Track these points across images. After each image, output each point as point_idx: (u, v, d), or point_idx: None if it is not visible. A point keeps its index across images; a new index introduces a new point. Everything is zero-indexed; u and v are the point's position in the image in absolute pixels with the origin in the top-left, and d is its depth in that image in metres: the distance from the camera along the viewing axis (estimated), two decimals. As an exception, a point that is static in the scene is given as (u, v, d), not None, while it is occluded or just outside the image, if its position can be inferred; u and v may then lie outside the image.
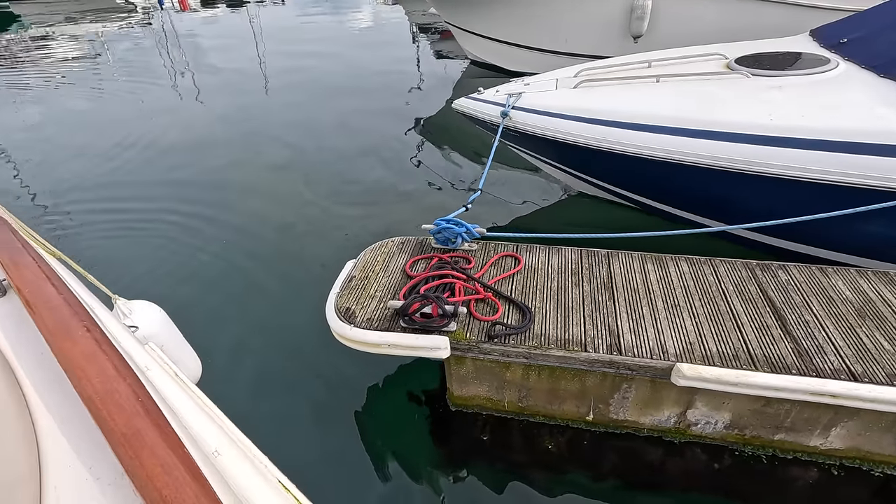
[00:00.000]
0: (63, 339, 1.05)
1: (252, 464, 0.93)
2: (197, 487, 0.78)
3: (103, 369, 0.97)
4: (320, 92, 7.83)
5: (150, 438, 0.84)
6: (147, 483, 0.78)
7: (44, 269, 1.28)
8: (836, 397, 1.81)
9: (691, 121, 2.84)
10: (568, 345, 2.02)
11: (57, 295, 1.18)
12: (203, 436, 0.97)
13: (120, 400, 0.91)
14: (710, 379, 1.87)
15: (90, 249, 4.00)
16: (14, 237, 1.45)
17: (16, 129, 6.88)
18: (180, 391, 1.09)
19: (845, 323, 2.06)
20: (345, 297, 2.31)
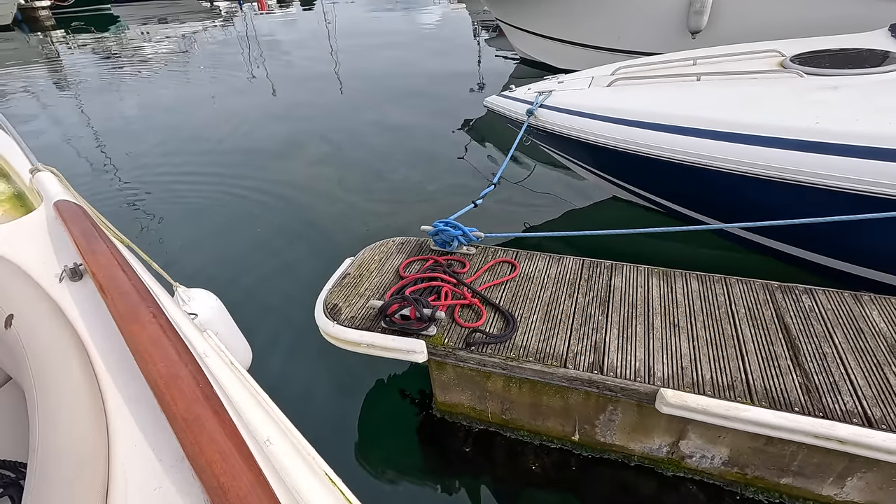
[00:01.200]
0: (132, 323, 1.08)
1: (300, 455, 0.94)
2: (252, 476, 0.79)
3: (167, 354, 0.99)
4: (379, 89, 7.98)
5: (209, 425, 0.85)
6: (206, 469, 0.79)
7: (115, 255, 1.32)
8: (846, 444, 1.58)
9: (723, 123, 2.60)
10: (547, 359, 1.91)
11: (127, 281, 1.21)
12: (256, 424, 0.98)
13: (182, 385, 0.92)
14: (696, 409, 1.70)
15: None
16: (91, 225, 1.50)
17: (112, 114, 7.75)
18: (235, 379, 1.11)
19: (872, 360, 1.80)
20: (335, 294, 2.33)
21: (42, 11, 18.96)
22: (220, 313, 2.10)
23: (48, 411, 0.97)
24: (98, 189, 5.22)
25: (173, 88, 9.18)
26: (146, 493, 0.86)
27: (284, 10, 20.42)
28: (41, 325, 1.17)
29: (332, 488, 0.89)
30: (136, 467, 0.91)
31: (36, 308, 1.23)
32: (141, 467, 0.91)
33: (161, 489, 0.87)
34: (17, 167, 2.35)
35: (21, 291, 1.29)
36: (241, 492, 0.77)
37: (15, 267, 1.40)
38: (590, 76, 3.70)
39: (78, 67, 11.83)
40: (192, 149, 6.16)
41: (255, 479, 0.79)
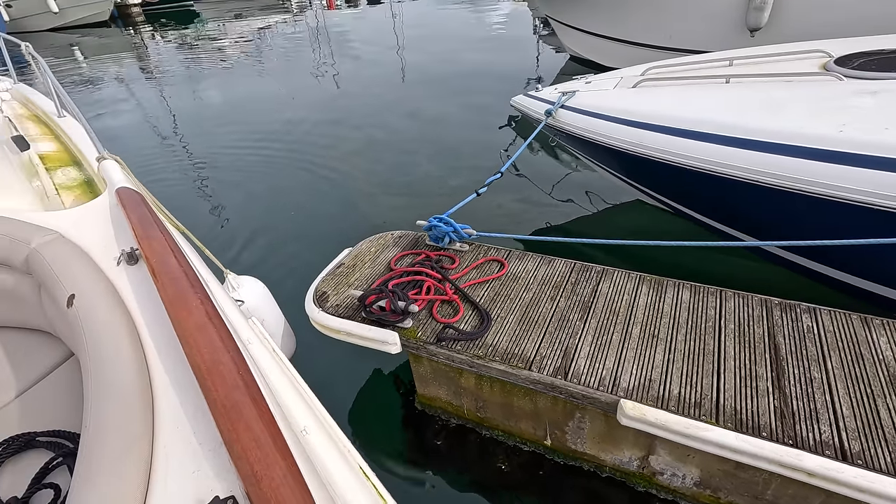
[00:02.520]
0: (180, 309, 1.10)
1: (336, 447, 0.94)
2: (285, 466, 0.80)
3: (211, 341, 1.00)
4: (437, 83, 8.07)
5: (247, 412, 0.86)
6: (241, 456, 0.81)
7: (169, 242, 1.37)
8: (814, 476, 1.47)
9: (736, 128, 2.44)
10: (513, 360, 1.90)
11: (178, 267, 1.24)
12: (294, 413, 0.99)
13: (223, 371, 0.94)
14: (654, 423, 1.63)
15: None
16: (147, 212, 1.56)
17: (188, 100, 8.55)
18: (276, 367, 1.12)
19: (865, 389, 1.65)
20: (326, 282, 2.42)
21: (134, 8, 20.65)
22: (267, 301, 2.20)
23: (101, 390, 1.01)
24: (165, 166, 5.79)
25: (244, 77, 9.87)
26: (185, 476, 0.88)
27: (354, 8, 21.01)
28: (99, 306, 1.21)
29: (365, 483, 0.89)
30: (177, 449, 0.93)
31: (95, 289, 1.27)
32: (181, 450, 0.93)
33: (199, 472, 0.89)
34: (88, 155, 2.55)
35: (83, 273, 1.34)
36: (274, 481, 0.78)
37: (79, 249, 1.47)
38: (619, 76, 3.58)
39: (162, 58, 12.95)
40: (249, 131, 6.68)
41: (287, 470, 0.80)
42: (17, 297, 1.55)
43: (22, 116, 3.38)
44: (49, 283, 1.36)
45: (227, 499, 0.82)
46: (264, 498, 0.76)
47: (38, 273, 1.41)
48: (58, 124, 3.05)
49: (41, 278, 1.42)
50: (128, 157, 6.33)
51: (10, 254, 1.48)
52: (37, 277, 1.45)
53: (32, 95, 3.67)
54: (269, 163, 5.62)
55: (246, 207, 4.69)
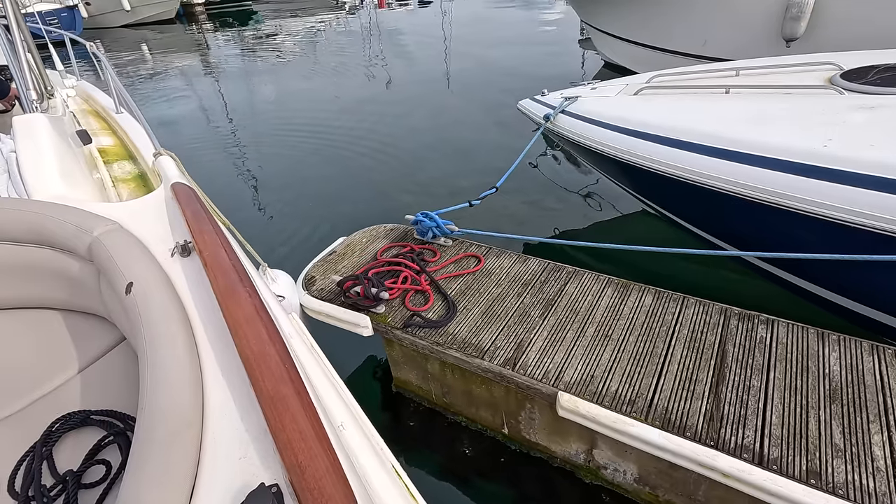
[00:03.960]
0: (230, 300, 1.13)
1: (371, 444, 0.96)
2: (328, 459, 0.82)
3: (259, 333, 1.03)
4: (476, 84, 8.21)
5: (292, 404, 0.88)
6: (287, 446, 0.83)
7: (219, 236, 1.41)
8: (728, 477, 1.52)
9: (727, 140, 2.45)
10: (468, 349, 2.02)
11: (228, 260, 1.28)
12: (332, 408, 1.01)
13: (270, 364, 0.96)
14: (586, 416, 1.73)
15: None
16: (200, 207, 1.63)
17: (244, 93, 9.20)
18: (314, 363, 1.15)
19: (801, 401, 1.67)
20: (316, 268, 2.62)
21: (198, 7, 21.91)
22: (293, 294, 2.34)
23: (156, 375, 1.04)
24: (213, 151, 6.30)
25: (295, 73, 10.41)
26: (232, 461, 0.91)
27: (403, 7, 21.43)
28: (155, 295, 1.25)
29: (398, 482, 0.91)
30: (226, 435, 0.95)
31: (152, 279, 1.32)
32: (229, 436, 0.95)
33: (245, 459, 0.91)
34: (143, 150, 2.71)
35: (141, 262, 1.39)
36: (318, 473, 0.79)
37: (136, 240, 1.52)
38: (625, 83, 3.61)
39: (220, 53, 13.76)
40: (289, 123, 7.14)
41: (330, 463, 0.81)
42: (80, 282, 1.63)
43: (84, 112, 3.65)
44: (109, 271, 1.42)
45: (271, 486, 0.84)
46: (308, 488, 0.78)
47: (99, 261, 1.48)
48: (115, 120, 3.26)
49: (102, 266, 1.47)
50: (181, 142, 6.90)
51: (76, 241, 1.54)
52: (97, 265, 1.51)
53: (94, 92, 3.94)
54: (296, 154, 6.00)
55: (271, 192, 5.02)
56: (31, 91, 2.86)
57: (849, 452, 1.51)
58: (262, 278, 1.59)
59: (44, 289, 1.68)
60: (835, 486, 1.42)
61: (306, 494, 0.77)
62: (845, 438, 1.55)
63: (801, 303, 2.62)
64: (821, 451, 1.52)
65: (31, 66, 3.08)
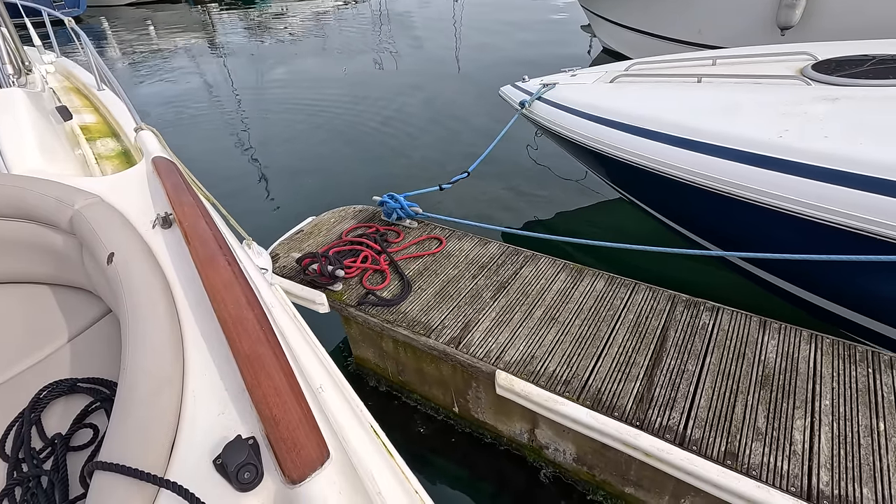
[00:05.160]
0: (209, 268, 1.18)
1: (350, 405, 1.01)
2: (301, 413, 0.87)
3: (237, 298, 1.07)
4: (476, 69, 8.14)
5: (268, 363, 0.93)
6: (262, 401, 0.88)
7: (200, 208, 1.47)
8: (649, 457, 1.56)
9: (688, 129, 2.45)
10: (417, 327, 2.06)
11: (208, 230, 1.32)
12: (311, 372, 1.06)
13: (247, 326, 1.01)
14: (519, 393, 1.76)
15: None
16: (181, 180, 1.67)
17: (247, 72, 9.31)
18: (296, 330, 1.19)
19: (731, 386, 1.70)
20: (282, 246, 2.66)
21: (204, -14, 21.72)
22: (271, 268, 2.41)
23: (137, 338, 1.08)
24: (213, 126, 6.46)
25: (302, 55, 10.40)
26: (211, 417, 0.95)
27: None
28: (135, 264, 1.29)
29: (375, 440, 0.96)
30: (205, 393, 1.00)
31: (132, 249, 1.35)
32: (209, 394, 0.99)
33: (224, 414, 0.95)
34: (125, 127, 2.69)
35: (121, 234, 1.42)
36: (291, 424, 0.85)
37: (118, 213, 1.58)
38: (604, 71, 3.58)
39: (226, 32, 13.72)
40: (286, 103, 7.25)
41: (303, 416, 0.86)
42: (64, 256, 1.66)
43: (66, 89, 3.60)
44: (91, 243, 1.45)
45: (248, 438, 0.89)
46: (281, 438, 0.84)
47: (81, 233, 1.51)
48: (97, 97, 3.24)
49: (84, 238, 1.50)
50: (184, 118, 6.85)
51: (58, 215, 1.57)
52: (80, 237, 1.55)
53: (74, 69, 3.89)
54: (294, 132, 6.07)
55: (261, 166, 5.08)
56: (6, 65, 2.87)
57: (769, 436, 1.53)
58: (244, 250, 1.63)
59: (29, 263, 1.71)
60: (749, 468, 1.45)
61: (280, 444, 0.84)
62: (768, 422, 1.57)
63: (756, 291, 2.63)
64: (742, 433, 1.55)
65: (6, 39, 3.07)
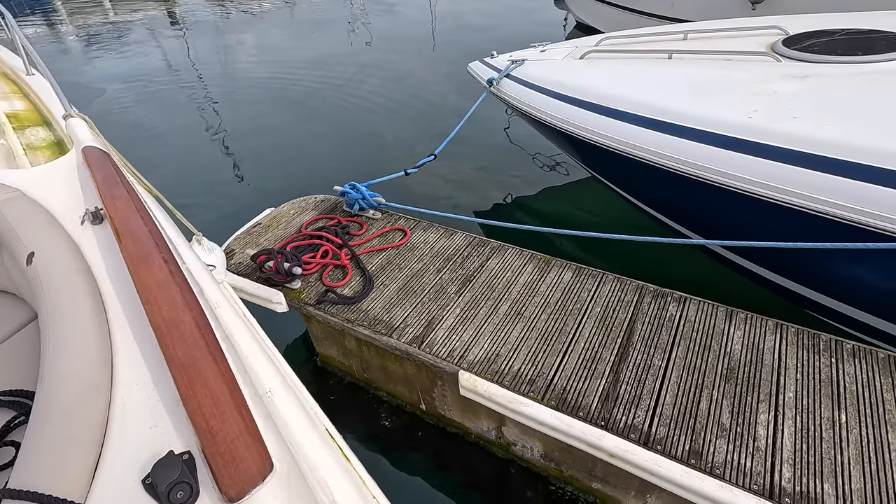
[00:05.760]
0: (141, 267, 1.10)
1: (304, 409, 0.95)
2: (242, 423, 0.81)
3: (172, 299, 1.00)
4: (452, 45, 7.86)
5: (205, 370, 0.87)
6: (197, 412, 0.82)
7: (135, 201, 1.36)
8: (614, 458, 1.53)
9: (658, 110, 2.36)
10: (378, 326, 1.98)
11: (142, 226, 1.23)
12: (260, 375, 0.99)
13: (183, 330, 0.94)
14: (483, 395, 1.71)
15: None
16: (114, 171, 1.54)
17: (211, 47, 8.87)
18: (245, 330, 1.11)
19: (697, 380, 1.67)
20: (238, 241, 2.52)
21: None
22: (224, 265, 2.24)
23: (57, 342, 1.00)
24: (185, 108, 6.14)
25: (269, 28, 9.89)
26: (142, 429, 0.88)
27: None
28: (58, 264, 1.20)
29: (330, 444, 0.90)
30: (136, 404, 0.93)
31: (56, 247, 1.26)
32: (140, 405, 0.93)
33: (157, 427, 0.89)
34: (57, 114, 2.45)
35: (43, 231, 1.33)
36: (229, 436, 0.79)
37: (41, 208, 1.46)
38: (574, 46, 3.47)
39: (187, 3, 12.89)
40: (258, 80, 6.96)
41: (244, 426, 0.81)
42: None
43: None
44: (9, 241, 1.35)
45: (182, 453, 0.82)
46: (218, 453, 0.78)
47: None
48: (26, 82, 2.99)
49: (1, 237, 1.40)
50: (141, 97, 6.41)
51: None
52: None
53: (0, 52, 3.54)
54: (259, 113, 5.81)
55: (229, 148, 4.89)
56: None
57: (733, 432, 1.51)
58: (189, 246, 1.50)
59: None
60: (713, 466, 1.43)
61: (216, 459, 0.78)
62: (732, 418, 1.55)
63: (724, 276, 2.62)
64: (707, 430, 1.52)
65: None
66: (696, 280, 2.57)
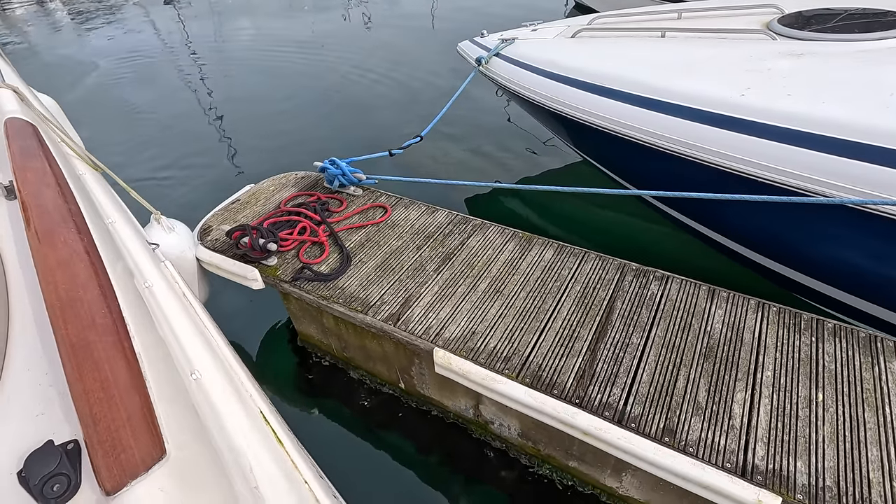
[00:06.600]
0: (44, 244, 1.03)
1: (237, 391, 0.91)
2: (133, 409, 0.76)
3: (73, 277, 0.94)
4: (451, 26, 7.67)
5: (98, 353, 0.82)
6: (81, 397, 0.77)
7: (55, 174, 1.27)
8: (587, 435, 1.50)
9: (650, 88, 2.30)
10: (353, 303, 1.94)
11: (54, 199, 1.15)
12: (190, 356, 0.94)
13: (79, 310, 0.88)
14: (457, 372, 1.68)
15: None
16: (36, 143, 1.44)
17: (212, 30, 8.64)
18: (181, 310, 1.05)
19: (675, 357, 1.64)
20: (215, 217, 2.47)
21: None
22: (188, 245, 2.20)
23: None
24: (178, 86, 6.03)
25: (265, 6, 9.69)
26: (27, 418, 0.83)
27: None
28: None
29: (263, 427, 0.85)
30: (24, 390, 0.87)
31: None
32: (29, 392, 0.87)
33: (44, 416, 0.84)
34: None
35: None
36: (115, 423, 0.73)
37: None
38: (566, 25, 3.39)
39: None
40: (252, 58, 6.86)
41: (136, 411, 0.75)
42: None
43: None
44: None
45: (68, 443, 0.77)
46: (99, 441, 0.72)
47: None
48: None
49: None
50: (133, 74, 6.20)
51: None
52: None
53: None
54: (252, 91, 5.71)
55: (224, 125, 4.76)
56: None
57: (709, 410, 1.49)
58: (131, 225, 1.43)
59: None
60: (686, 444, 1.41)
61: (96, 448, 0.72)
62: (709, 396, 1.52)
63: (709, 255, 2.59)
64: (682, 409, 1.50)
65: None
66: (682, 260, 2.54)
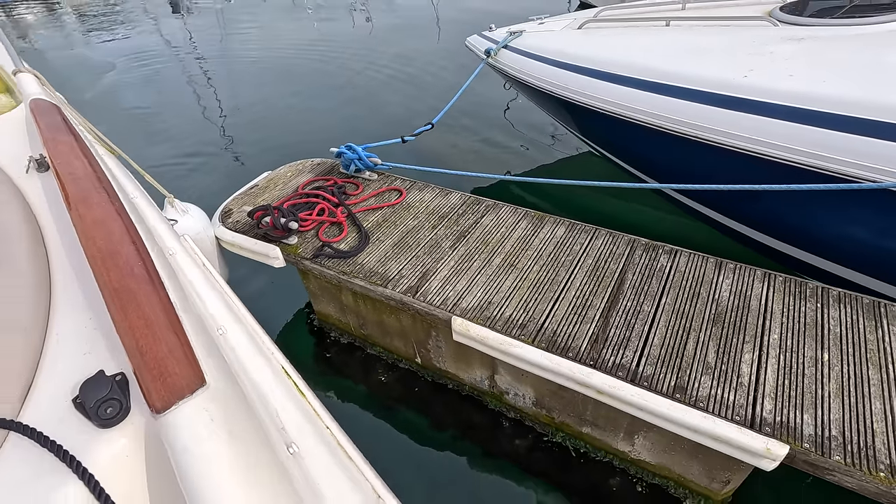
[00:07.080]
0: (81, 206, 1.14)
1: (258, 347, 0.97)
2: (174, 343, 0.85)
3: (109, 233, 1.05)
4: (456, 23, 7.85)
5: (140, 296, 0.92)
6: (128, 333, 0.86)
7: (81, 147, 1.38)
8: (602, 394, 1.57)
9: (655, 72, 2.39)
10: (373, 277, 2.01)
11: (83, 167, 1.27)
12: (215, 315, 1.00)
13: (119, 261, 0.99)
14: (475, 338, 1.74)
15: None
16: (62, 120, 1.56)
17: (220, 29, 8.97)
18: (200, 275, 1.12)
19: (685, 324, 1.70)
20: (235, 201, 2.55)
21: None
22: (205, 227, 2.30)
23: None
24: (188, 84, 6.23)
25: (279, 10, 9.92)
26: (76, 355, 0.93)
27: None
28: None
29: (285, 380, 0.91)
30: (71, 333, 0.97)
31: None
32: (75, 333, 0.97)
33: (91, 353, 0.93)
34: (10, 71, 2.45)
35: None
36: (159, 354, 0.82)
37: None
38: (573, 18, 3.48)
39: None
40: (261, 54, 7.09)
41: (177, 345, 0.84)
42: None
43: None
44: None
45: (116, 374, 0.85)
46: (147, 368, 0.81)
47: None
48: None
49: None
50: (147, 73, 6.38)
51: None
52: None
53: None
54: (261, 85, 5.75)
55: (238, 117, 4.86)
56: None
57: (718, 370, 1.55)
58: (148, 202, 1.51)
59: None
60: (697, 400, 1.47)
61: (144, 374, 0.81)
62: (718, 357, 1.59)
63: (714, 234, 2.66)
64: (692, 368, 1.56)
65: None
66: (686, 235, 2.61)
